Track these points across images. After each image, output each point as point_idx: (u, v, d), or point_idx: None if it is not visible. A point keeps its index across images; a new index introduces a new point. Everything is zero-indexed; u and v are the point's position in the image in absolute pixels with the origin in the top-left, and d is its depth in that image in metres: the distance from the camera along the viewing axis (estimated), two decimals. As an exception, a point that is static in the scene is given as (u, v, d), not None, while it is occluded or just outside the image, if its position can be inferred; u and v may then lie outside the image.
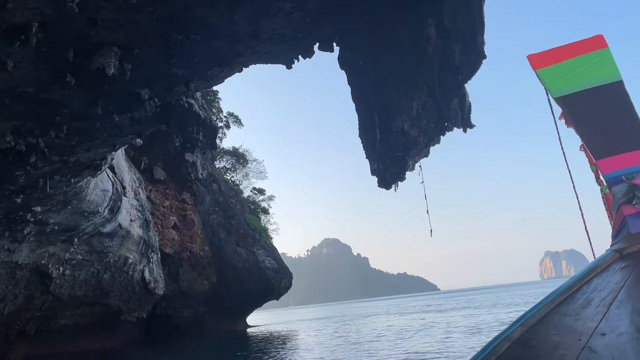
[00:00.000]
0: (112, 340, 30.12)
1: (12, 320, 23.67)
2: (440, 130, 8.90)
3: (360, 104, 9.09)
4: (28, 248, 21.75)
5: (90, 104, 10.18)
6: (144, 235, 26.57)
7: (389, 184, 9.78)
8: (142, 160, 35.27)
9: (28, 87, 8.92)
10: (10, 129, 10.38)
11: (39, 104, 9.70)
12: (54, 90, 9.25)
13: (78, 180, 16.66)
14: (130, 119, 11.45)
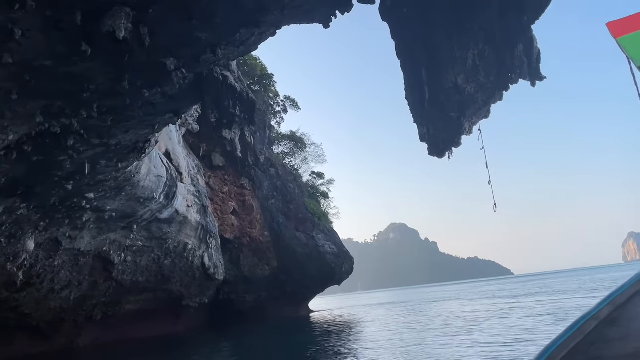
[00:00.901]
0: (177, 325, 30.53)
1: (78, 306, 24.30)
2: (502, 84, 7.47)
3: (406, 59, 7.83)
4: (89, 235, 22.10)
5: (116, 78, 9.55)
6: (201, 220, 26.47)
7: (442, 151, 8.49)
8: (201, 147, 35.37)
9: (45, 60, 8.35)
10: (39, 109, 9.96)
11: (62, 80, 9.16)
12: (73, 63, 8.64)
13: (126, 165, 16.41)
14: (162, 94, 10.77)
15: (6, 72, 8.22)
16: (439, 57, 7.16)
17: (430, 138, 8.22)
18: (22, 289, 20.65)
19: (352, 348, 16.94)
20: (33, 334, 23.78)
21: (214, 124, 11.19)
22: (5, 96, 8.89)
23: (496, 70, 7.11)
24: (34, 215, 18.22)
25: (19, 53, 7.84)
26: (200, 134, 36.01)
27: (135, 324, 28.04)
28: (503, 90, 7.49)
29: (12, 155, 12.21)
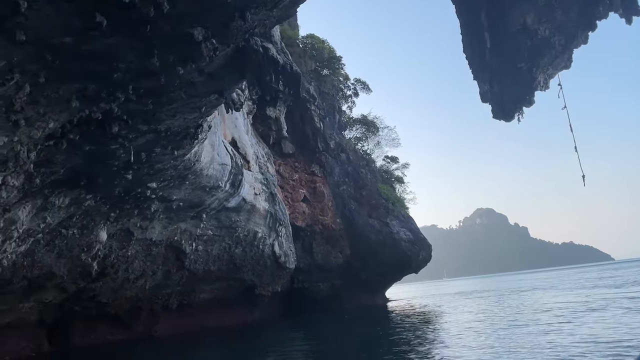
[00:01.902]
0: (252, 314, 30.57)
1: (154, 295, 24.78)
2: (586, 22, 5.82)
3: (461, 1, 6.42)
4: (160, 225, 22.29)
5: (144, 55, 8.88)
6: (270, 208, 26.04)
7: (509, 113, 6.99)
8: (270, 134, 35.12)
9: (64, 37, 7.79)
10: (74, 93, 9.53)
11: (88, 60, 8.61)
12: (93, 39, 8.02)
13: (182, 152, 16.04)
14: (199, 72, 10.01)
15: (25, 52, 7.74)
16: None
17: (493, 97, 6.75)
18: (97, 279, 21.22)
19: (428, 342, 15.59)
20: (113, 322, 24.57)
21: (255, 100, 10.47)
22: (34, 80, 8.48)
23: (578, 4, 5.54)
24: (103, 206, 18.47)
25: (32, 29, 7.29)
26: (269, 120, 35.75)
27: (211, 312, 28.32)
28: (588, 31, 5.85)
29: (62, 145, 12.06)
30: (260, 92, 10.08)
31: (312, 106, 34.39)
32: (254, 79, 9.91)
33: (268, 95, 10.13)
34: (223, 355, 19.95)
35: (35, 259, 17.77)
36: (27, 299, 19.60)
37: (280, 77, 9.87)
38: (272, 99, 10.20)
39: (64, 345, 23.09)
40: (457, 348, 13.55)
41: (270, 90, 10.04)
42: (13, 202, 13.81)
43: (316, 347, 20.43)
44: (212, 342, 24.49)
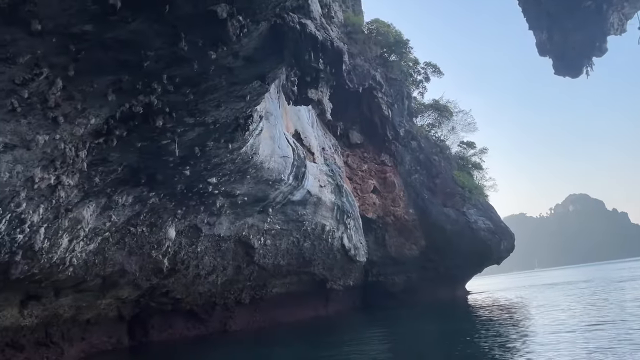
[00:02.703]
0: (326, 308, 30.12)
1: (226, 290, 24.94)
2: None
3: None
4: (227, 221, 22.32)
5: (171, 39, 8.45)
6: (336, 201, 25.37)
7: (575, 66, 5.78)
8: (337, 125, 34.41)
9: (84, 25, 7.48)
10: (109, 86, 9.32)
11: (114, 49, 8.31)
12: (115, 25, 7.66)
13: (238, 145, 15.71)
14: (233, 55, 9.45)
15: (47, 44, 7.52)
16: None
17: (554, 47, 5.44)
18: (169, 275, 21.58)
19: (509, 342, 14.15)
20: (188, 317, 25.03)
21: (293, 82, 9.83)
22: (63, 73, 8.30)
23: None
24: (168, 203, 18.66)
25: (48, 18, 7.01)
26: (336, 111, 35.04)
27: (284, 307, 28.17)
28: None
29: (112, 142, 12.04)
30: (299, 73, 9.38)
31: (379, 93, 33.25)
32: (292, 59, 9.21)
33: (308, 75, 9.41)
34: (296, 350, 19.63)
35: (106, 257, 18.25)
36: (103, 296, 20.26)
37: (320, 55, 9.10)
38: (313, 79, 9.47)
39: (143, 339, 23.79)
40: (543, 348, 12.11)
41: (310, 70, 9.31)
42: (75, 201, 14.11)
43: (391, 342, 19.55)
44: (286, 336, 24.34)
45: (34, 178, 10.03)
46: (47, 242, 13.94)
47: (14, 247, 12.45)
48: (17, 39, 7.14)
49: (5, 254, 12.36)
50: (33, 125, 8.96)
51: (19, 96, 8.13)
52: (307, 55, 8.99)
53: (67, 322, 20.01)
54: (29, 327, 18.40)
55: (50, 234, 13.86)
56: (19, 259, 13.03)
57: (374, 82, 32.94)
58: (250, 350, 20.95)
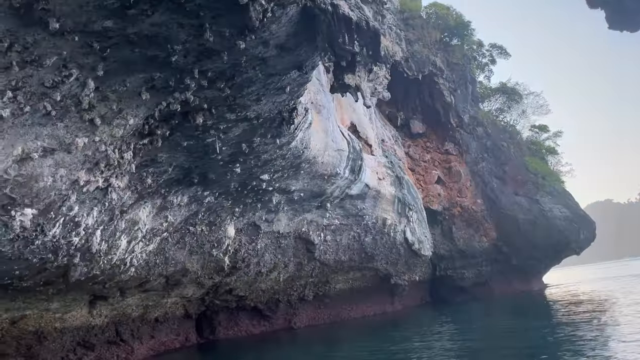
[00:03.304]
0: (393, 304, 29.32)
1: (289, 287, 24.80)
2: None
3: None
4: (286, 217, 22.12)
5: (196, 31, 8.13)
6: (397, 193, 24.50)
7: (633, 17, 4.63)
8: (397, 115, 33.43)
9: (104, 21, 7.29)
10: (142, 85, 9.17)
11: (140, 45, 8.11)
12: (135, 20, 7.44)
13: (286, 140, 15.34)
14: (263, 44, 9.00)
15: (70, 44, 7.41)
16: None
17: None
18: (231, 273, 21.69)
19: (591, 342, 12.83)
20: (254, 315, 25.13)
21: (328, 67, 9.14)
22: (93, 74, 8.20)
23: None
24: (225, 202, 18.67)
25: (65, 16, 6.86)
26: (396, 101, 34.05)
27: (349, 303, 27.70)
28: None
29: (157, 142, 12.01)
30: (333, 58, 8.78)
31: (440, 79, 31.86)
32: (326, 44, 8.63)
33: (343, 60, 8.79)
34: (361, 347, 19.17)
35: (167, 256, 18.52)
36: (168, 294, 20.66)
37: (355, 37, 8.46)
38: (349, 63, 8.83)
39: (210, 337, 24.12)
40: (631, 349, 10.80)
41: (345, 54, 8.68)
42: (130, 203, 14.30)
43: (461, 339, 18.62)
44: (351, 333, 23.92)
45: (79, 181, 10.07)
46: (105, 244, 14.23)
47: (71, 250, 12.74)
48: (39, 40, 7.05)
49: (63, 257, 12.68)
50: (71, 128, 8.96)
51: (51, 99, 8.10)
52: (341, 38, 8.38)
53: (136, 320, 20.58)
54: (99, 326, 19.04)
55: (107, 236, 14.13)
56: (77, 261, 13.35)
57: (434, 68, 31.62)
58: (315, 347, 20.70)
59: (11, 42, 6.81)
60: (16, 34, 6.78)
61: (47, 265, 12.50)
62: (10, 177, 8.66)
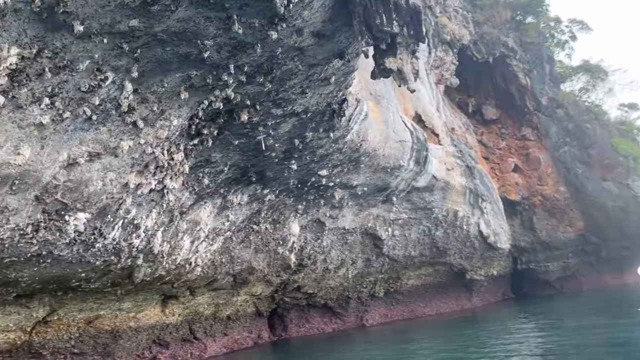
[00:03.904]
0: (470, 300, 27.96)
1: (358, 284, 24.33)
2: None
3: None
4: (351, 213, 21.67)
5: (224, 24, 7.90)
6: (468, 184, 23.25)
7: None
8: (469, 102, 31.89)
9: (129, 21, 7.23)
10: (180, 84, 9.09)
11: (170, 43, 8.00)
12: (160, 16, 7.32)
13: (341, 133, 14.89)
14: (297, 32, 8.60)
15: (100, 46, 7.42)
16: None
17: None
18: (298, 271, 21.58)
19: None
20: (325, 312, 24.90)
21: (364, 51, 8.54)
22: (129, 76, 8.19)
23: None
24: (287, 199, 18.54)
25: (88, 18, 6.84)
26: (467, 87, 32.48)
27: (423, 299, 26.77)
28: None
29: (208, 142, 12.00)
30: (372, 41, 8.19)
31: (514, 61, 29.91)
32: (363, 27, 8.07)
33: (382, 42, 8.17)
34: (436, 347, 18.41)
35: (232, 255, 18.69)
36: (237, 293, 20.90)
37: (394, 17, 7.83)
38: (389, 46, 8.20)
39: (282, 335, 24.18)
40: None
41: (384, 36, 8.06)
42: (189, 204, 14.47)
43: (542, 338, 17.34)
44: (425, 331, 23.10)
45: (129, 184, 10.20)
46: (167, 245, 14.51)
47: (133, 251, 13.08)
48: (67, 44, 7.09)
49: (126, 259, 13.04)
50: (114, 132, 9.05)
51: (90, 104, 8.19)
52: (378, 19, 7.79)
53: (208, 318, 20.99)
54: (173, 324, 19.60)
55: (169, 237, 14.40)
56: (140, 262, 13.70)
57: (505, 50, 29.78)
58: (388, 345, 20.15)
59: (40, 48, 6.87)
60: (44, 39, 6.83)
61: (111, 267, 12.91)
62: (60, 182, 8.89)
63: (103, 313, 15.98)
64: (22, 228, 8.59)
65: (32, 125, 7.67)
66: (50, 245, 9.49)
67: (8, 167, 7.71)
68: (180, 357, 19.39)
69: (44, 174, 8.43)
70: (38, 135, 7.89)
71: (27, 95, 7.29)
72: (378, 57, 8.59)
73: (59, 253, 9.99)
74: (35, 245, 9.12)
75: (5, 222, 8.23)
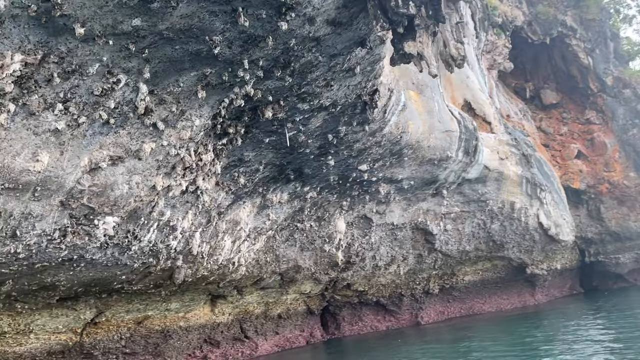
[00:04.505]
0: (533, 295, 26.49)
1: (410, 280, 23.63)
2: None
3: None
4: (399, 207, 21.04)
5: (230, 18, 7.64)
6: (524, 173, 21.95)
7: None
8: (526, 87, 30.26)
9: (132, 20, 7.12)
10: (195, 82, 8.95)
11: (178, 41, 7.84)
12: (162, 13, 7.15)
13: (377, 126, 14.32)
14: (309, 21, 8.21)
15: (106, 48, 7.34)
16: None
17: None
18: (346, 268, 21.20)
19: None
20: (377, 310, 24.39)
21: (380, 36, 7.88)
22: (141, 77, 8.12)
23: None
24: (330, 196, 18.22)
25: (88, 20, 6.77)
26: (523, 71, 30.86)
27: (482, 296, 25.64)
28: None
29: (237, 141, 11.85)
30: (388, 25, 7.63)
31: (573, 40, 27.97)
32: (377, 10, 7.55)
33: (399, 26, 7.59)
34: (494, 346, 17.57)
35: (277, 254, 18.60)
36: (286, 291, 20.81)
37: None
38: (407, 29, 7.59)
39: (336, 333, 23.88)
40: None
41: (401, 18, 7.50)
42: (227, 204, 14.43)
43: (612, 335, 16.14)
44: (483, 329, 22.17)
45: (157, 186, 10.19)
46: (207, 246, 14.55)
47: (171, 253, 13.18)
48: (72, 48, 7.06)
49: (165, 260, 13.16)
50: (134, 135, 9.02)
51: (105, 107, 8.18)
52: (393, 0, 7.25)
53: (259, 317, 21.06)
54: (224, 323, 19.79)
55: (208, 238, 14.42)
56: (180, 263, 13.80)
57: (564, 28, 27.92)
58: (445, 345, 19.46)
59: (45, 54, 6.87)
60: (48, 44, 6.82)
61: (151, 269, 13.07)
62: (84, 187, 8.98)
63: (151, 314, 16.31)
64: (48, 234, 8.74)
65: (48, 132, 7.72)
66: (80, 250, 9.63)
67: (28, 174, 7.82)
68: (231, 356, 19.55)
69: (67, 179, 8.51)
70: (55, 141, 7.95)
71: (39, 101, 7.33)
72: (397, 41, 8.03)
73: (91, 257, 10.15)
74: (65, 250, 9.27)
75: (31, 228, 8.39)
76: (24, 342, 12.56)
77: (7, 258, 8.38)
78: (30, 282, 9.82)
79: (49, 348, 13.55)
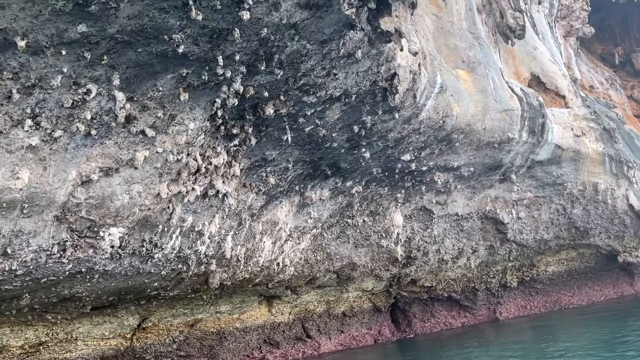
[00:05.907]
0: (632, 285, 23.58)
1: (484, 274, 21.88)
2: None
3: None
4: (462, 196, 19.50)
5: (184, 13, 7.07)
6: (606, 150, 19.33)
7: None
8: (615, 53, 26.88)
9: (76, 26, 6.79)
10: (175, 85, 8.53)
11: (136, 43, 7.41)
12: (106, 16, 6.75)
13: (410, 112, 13.08)
14: (273, 5, 7.43)
15: (58, 59, 7.13)
16: None
17: None
18: (408, 264, 20.04)
19: None
20: (450, 305, 22.95)
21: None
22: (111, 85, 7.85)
23: None
24: (380, 189, 17.26)
25: (29, 32, 6.54)
26: (612, 35, 27.55)
27: (569, 288, 23.26)
28: None
29: (249, 141, 11.36)
30: (357, 2, 6.56)
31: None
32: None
33: (370, 1, 6.48)
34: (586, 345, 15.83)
35: (328, 252, 17.93)
36: (346, 289, 20.11)
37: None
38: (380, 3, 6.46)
39: (407, 331, 22.81)
40: None
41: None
42: (259, 205, 13.99)
43: None
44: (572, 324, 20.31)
45: (161, 194, 9.96)
46: (242, 248, 14.24)
47: (202, 258, 13.02)
48: (24, 62, 6.89)
49: (197, 266, 13.04)
50: (123, 144, 8.81)
51: (82, 119, 7.99)
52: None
53: (322, 316, 20.59)
54: (285, 323, 19.54)
55: (242, 240, 14.10)
56: (214, 268, 13.62)
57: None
58: (528, 343, 17.88)
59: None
60: (-6, 61, 6.67)
61: (183, 275, 12.99)
62: (80, 200, 8.93)
63: (201, 317, 16.39)
64: (46, 249, 8.79)
65: (22, 149, 7.66)
66: (87, 262, 9.64)
67: (10, 192, 7.83)
68: (291, 357, 19.27)
69: (57, 194, 8.46)
70: (34, 157, 7.89)
71: (4, 119, 7.26)
72: (371, 19, 7.00)
73: (103, 268, 10.15)
74: (69, 264, 9.31)
75: (25, 245, 8.46)
76: (72, 349, 13.01)
77: (5, 275, 8.54)
78: (47, 295, 10.03)
79: (102, 353, 13.99)
